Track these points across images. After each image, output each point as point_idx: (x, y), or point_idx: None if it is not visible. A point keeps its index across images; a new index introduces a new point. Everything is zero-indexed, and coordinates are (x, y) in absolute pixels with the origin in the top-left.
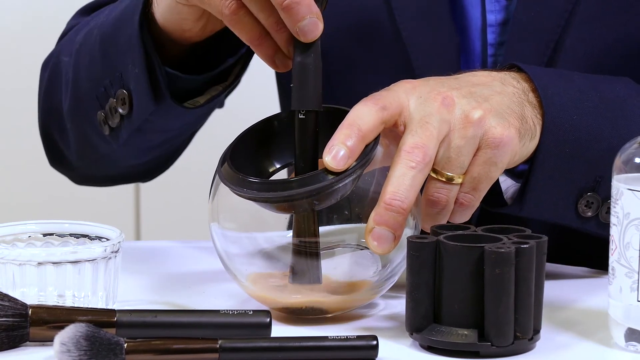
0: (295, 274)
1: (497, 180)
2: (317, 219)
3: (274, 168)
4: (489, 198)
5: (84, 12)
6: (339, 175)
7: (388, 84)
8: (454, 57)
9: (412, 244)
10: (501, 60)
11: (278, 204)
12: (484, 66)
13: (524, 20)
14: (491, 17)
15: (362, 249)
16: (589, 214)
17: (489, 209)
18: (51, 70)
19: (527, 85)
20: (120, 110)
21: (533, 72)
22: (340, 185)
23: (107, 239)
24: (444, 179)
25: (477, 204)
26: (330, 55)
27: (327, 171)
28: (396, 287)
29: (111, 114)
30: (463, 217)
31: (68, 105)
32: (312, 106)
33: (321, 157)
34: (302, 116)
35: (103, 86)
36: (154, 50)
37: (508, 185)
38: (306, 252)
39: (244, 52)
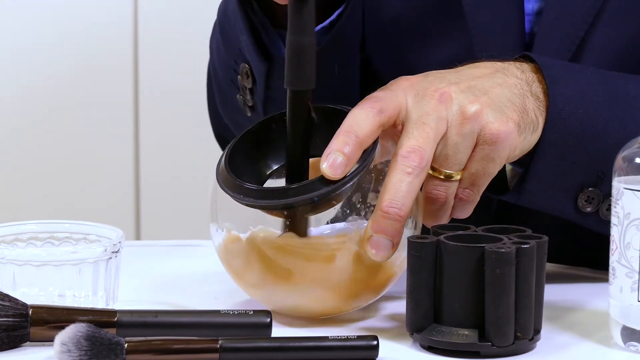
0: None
1: (504, 168)
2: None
3: (271, 170)
4: (492, 184)
5: None
6: (337, 182)
7: (454, 59)
8: (515, 37)
9: (412, 244)
10: (532, 50)
11: (276, 211)
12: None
13: (554, 13)
14: (528, 6)
15: None
16: (589, 209)
17: (490, 195)
18: (207, 79)
19: (534, 76)
20: (246, 84)
21: (543, 62)
22: (338, 192)
23: (108, 239)
24: (442, 177)
25: (477, 199)
26: (402, 24)
27: (325, 178)
28: (396, 287)
29: (244, 93)
30: (464, 212)
31: (218, 102)
32: (305, 86)
33: (313, 154)
34: (293, 95)
35: (232, 68)
36: (253, 12)
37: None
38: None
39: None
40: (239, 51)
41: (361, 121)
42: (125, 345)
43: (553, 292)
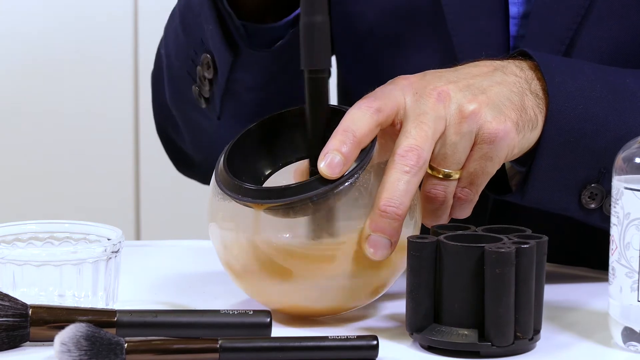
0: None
1: (504, 167)
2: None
3: (270, 170)
4: (494, 184)
5: None
6: (335, 182)
7: (432, 66)
8: (499, 42)
9: (412, 244)
10: None
11: (275, 210)
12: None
13: (543, 15)
14: (514, 9)
15: None
16: (593, 205)
17: (493, 195)
18: (154, 68)
19: (532, 74)
20: (206, 75)
21: (541, 59)
22: (337, 191)
23: (108, 239)
24: (440, 176)
25: (475, 198)
26: (377, 34)
27: (323, 178)
28: (396, 287)
29: (202, 84)
30: (463, 211)
31: (168, 92)
32: (321, 65)
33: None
34: (311, 75)
35: (190, 58)
36: (222, 2)
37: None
38: None
39: None
40: (200, 41)
41: (359, 120)
42: (125, 345)
43: (553, 292)
